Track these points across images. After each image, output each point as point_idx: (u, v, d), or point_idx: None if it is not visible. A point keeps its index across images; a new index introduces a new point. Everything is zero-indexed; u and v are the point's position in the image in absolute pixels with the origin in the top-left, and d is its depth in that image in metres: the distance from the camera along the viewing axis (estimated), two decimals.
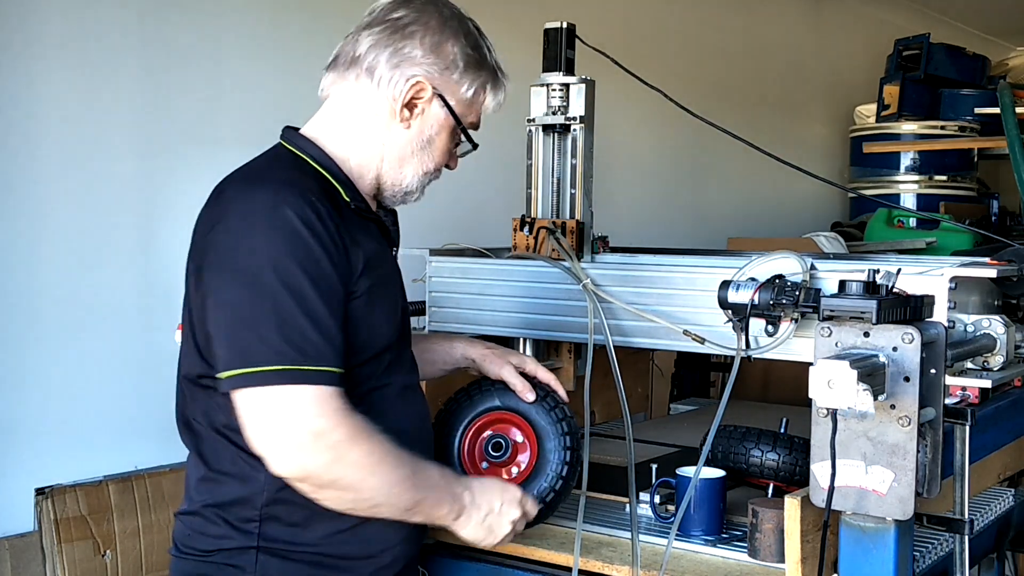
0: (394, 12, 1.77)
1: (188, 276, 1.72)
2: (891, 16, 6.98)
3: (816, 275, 2.03)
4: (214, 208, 1.68)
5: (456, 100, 1.79)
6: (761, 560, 1.89)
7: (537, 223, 2.58)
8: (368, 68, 1.76)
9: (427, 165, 1.81)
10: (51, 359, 2.89)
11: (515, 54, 1.88)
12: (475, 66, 1.80)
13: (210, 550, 1.70)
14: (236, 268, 1.59)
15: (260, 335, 1.56)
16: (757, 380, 3.35)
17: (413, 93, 1.76)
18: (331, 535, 1.69)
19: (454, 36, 1.78)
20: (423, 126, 1.79)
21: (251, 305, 1.57)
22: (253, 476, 1.66)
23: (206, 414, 1.70)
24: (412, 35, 1.76)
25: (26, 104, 2.82)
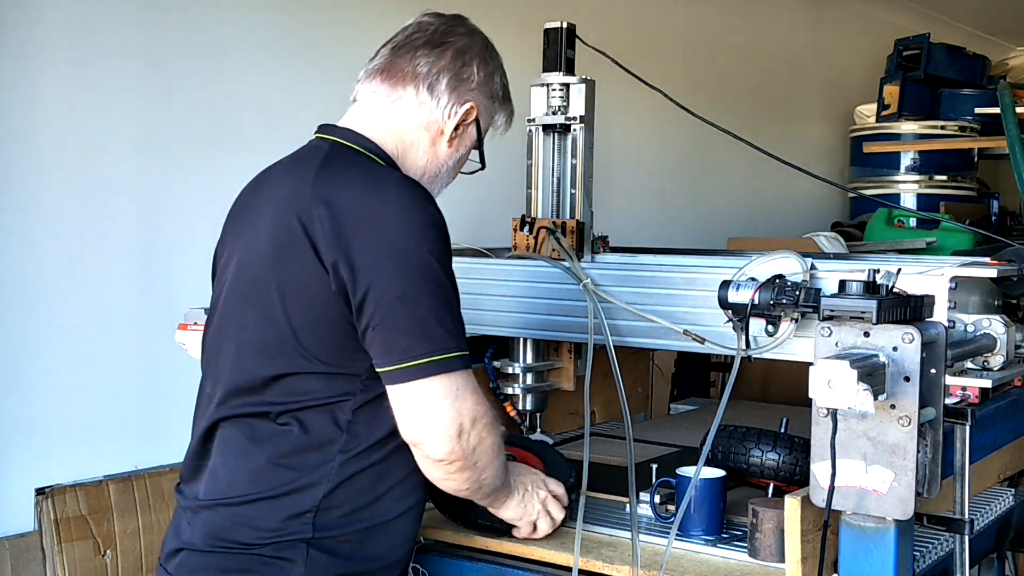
0: (449, 36, 1.88)
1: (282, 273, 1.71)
2: (891, 16, 6.97)
3: (816, 275, 2.03)
4: (339, 206, 1.67)
5: (486, 125, 1.94)
6: (761, 560, 1.89)
7: (537, 223, 2.58)
8: (430, 86, 1.85)
9: (450, 178, 1.94)
10: (51, 359, 2.88)
11: (515, 54, 1.90)
12: (508, 99, 1.97)
13: (256, 543, 1.69)
14: (413, 265, 1.66)
15: (442, 324, 1.67)
16: (757, 380, 3.35)
17: (463, 117, 1.87)
18: (370, 527, 1.75)
19: (498, 68, 1.94)
20: (460, 146, 1.91)
21: (433, 297, 1.67)
22: (321, 466, 1.70)
23: (287, 400, 1.71)
24: (470, 62, 1.88)
25: (26, 104, 2.82)
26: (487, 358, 2.65)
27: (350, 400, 1.71)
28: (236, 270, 1.80)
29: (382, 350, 1.67)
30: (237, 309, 1.79)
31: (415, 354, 1.65)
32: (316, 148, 1.83)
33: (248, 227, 1.81)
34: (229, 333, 1.79)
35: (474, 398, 1.71)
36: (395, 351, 1.66)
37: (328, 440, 1.71)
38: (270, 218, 1.75)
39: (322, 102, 3.50)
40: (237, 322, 1.78)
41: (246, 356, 1.75)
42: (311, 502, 1.70)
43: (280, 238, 1.71)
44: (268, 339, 1.72)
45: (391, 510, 1.77)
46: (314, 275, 1.67)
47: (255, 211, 1.82)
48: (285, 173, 1.82)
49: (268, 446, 1.72)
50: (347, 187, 1.70)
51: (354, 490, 1.72)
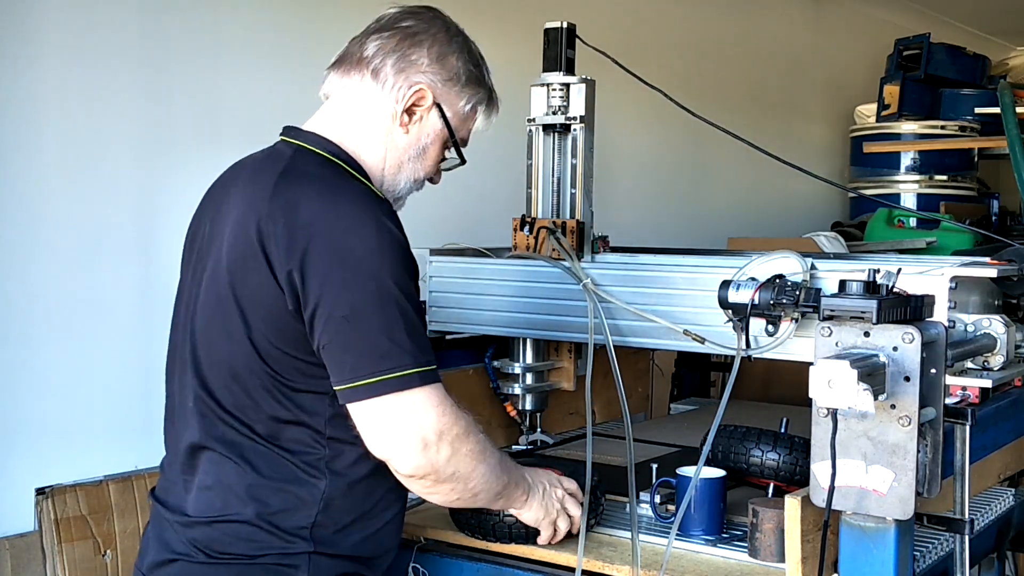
0: (403, 21, 1.83)
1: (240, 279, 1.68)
2: (891, 16, 6.97)
3: (816, 275, 2.03)
4: (293, 220, 1.64)
5: (453, 113, 1.84)
6: (761, 560, 1.89)
7: (537, 223, 2.58)
8: (374, 70, 1.80)
9: (418, 173, 1.85)
10: (51, 359, 2.88)
11: (515, 54, 1.90)
12: (475, 83, 1.86)
13: (257, 555, 1.70)
14: (360, 281, 1.61)
15: (393, 340, 1.62)
16: (757, 380, 3.35)
17: (415, 99, 1.80)
18: (364, 539, 1.76)
19: (459, 51, 1.84)
20: (420, 133, 1.83)
21: (382, 313, 1.62)
22: (313, 485, 1.70)
23: (263, 422, 1.70)
24: (420, 43, 1.81)
25: (26, 104, 2.82)
26: (487, 358, 2.65)
27: (320, 417, 1.70)
28: (204, 285, 1.77)
29: (333, 369, 1.65)
30: (204, 326, 1.76)
31: (363, 373, 1.62)
32: (278, 154, 1.79)
33: (216, 236, 1.77)
34: (201, 352, 1.76)
35: (437, 411, 1.66)
36: (344, 370, 1.63)
37: (311, 459, 1.71)
38: (230, 231, 1.72)
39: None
40: (205, 339, 1.75)
41: (219, 376, 1.73)
42: (306, 520, 1.70)
43: (238, 251, 1.69)
44: (236, 360, 1.70)
45: (382, 517, 1.79)
46: (271, 292, 1.65)
47: (222, 218, 1.77)
48: (247, 181, 1.77)
49: (259, 466, 1.70)
50: (302, 200, 1.66)
51: (347, 506, 1.73)
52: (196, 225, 1.88)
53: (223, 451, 1.72)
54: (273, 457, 1.70)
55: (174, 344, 1.85)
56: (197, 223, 1.88)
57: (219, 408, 1.73)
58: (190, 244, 1.88)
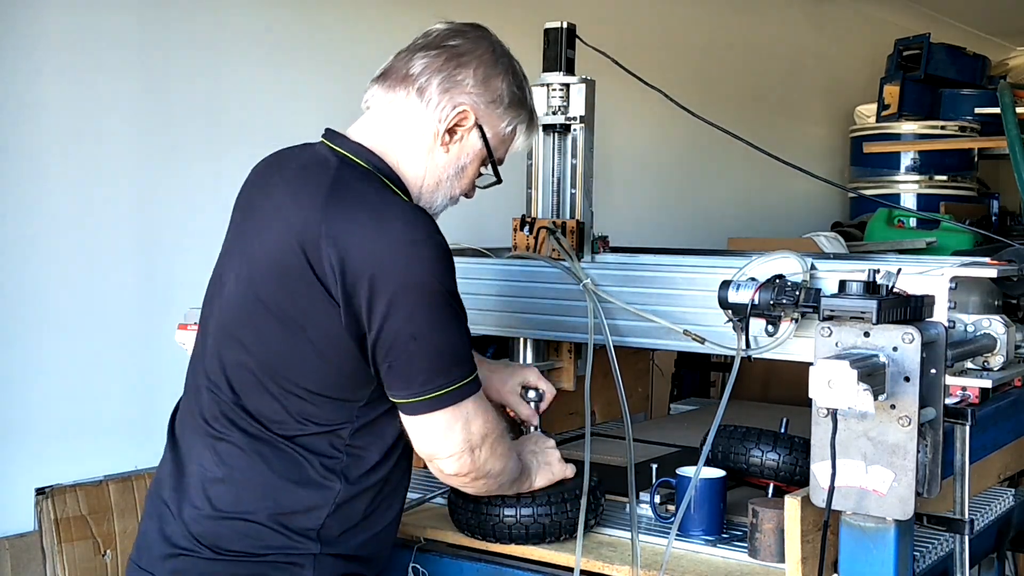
0: (451, 39, 1.83)
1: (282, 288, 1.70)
2: (891, 16, 6.97)
3: (816, 275, 2.02)
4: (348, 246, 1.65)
5: (493, 133, 1.85)
6: (761, 560, 1.89)
7: (537, 223, 2.57)
8: (419, 88, 1.80)
9: (454, 190, 1.87)
10: (51, 359, 2.89)
11: (515, 54, 1.89)
12: (517, 105, 1.87)
13: (263, 553, 1.71)
14: (427, 303, 1.67)
15: (455, 355, 1.71)
16: (757, 380, 3.35)
17: (457, 120, 1.81)
18: (367, 539, 1.79)
19: (504, 72, 1.85)
20: (460, 152, 1.84)
21: (447, 330, 1.70)
22: (328, 487, 1.72)
23: (287, 423, 1.71)
24: (466, 64, 1.81)
25: (26, 104, 2.82)
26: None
27: (347, 426, 1.73)
28: (238, 282, 1.78)
29: (399, 384, 1.70)
30: (237, 324, 1.76)
31: (432, 387, 1.70)
32: (325, 162, 1.78)
33: (254, 236, 1.78)
34: (229, 347, 1.77)
35: (483, 417, 1.76)
36: (413, 385, 1.70)
37: (330, 464, 1.73)
38: (275, 239, 1.72)
39: (323, 100, 3.50)
40: (237, 339, 1.76)
41: (247, 377, 1.74)
42: (315, 522, 1.72)
43: (285, 265, 1.69)
44: (269, 365, 1.72)
45: (384, 518, 1.82)
46: (323, 312, 1.66)
47: (262, 218, 1.78)
48: (295, 188, 1.76)
49: (277, 465, 1.72)
50: (355, 227, 1.67)
51: (355, 508, 1.75)
52: (240, 210, 1.88)
53: (242, 444, 1.73)
54: (293, 458, 1.72)
55: (200, 344, 1.86)
56: (242, 207, 1.87)
57: (240, 403, 1.74)
58: (235, 227, 1.87)
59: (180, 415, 1.87)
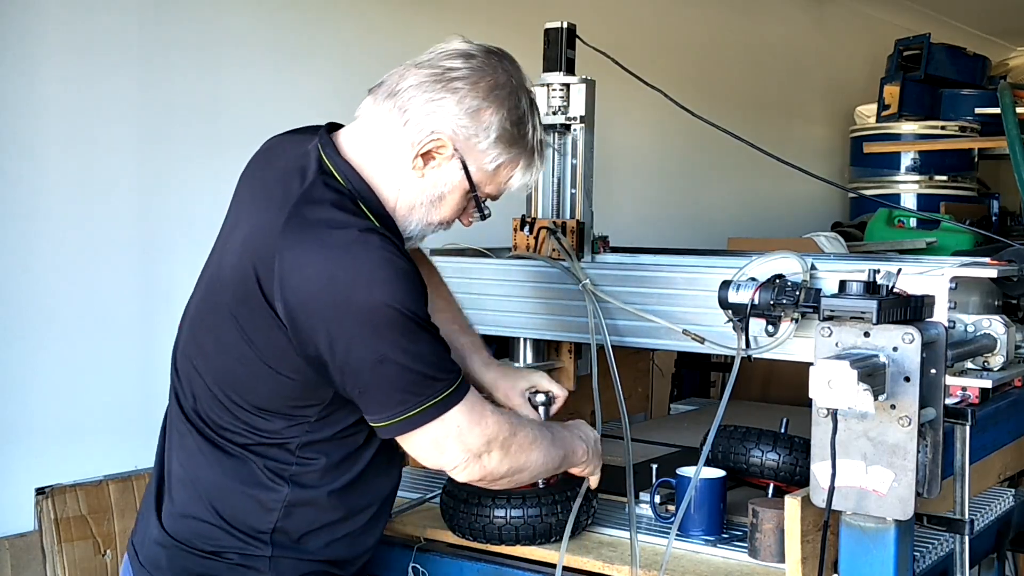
0: (450, 61, 1.73)
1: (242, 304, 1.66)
2: (891, 16, 6.97)
3: (816, 275, 2.03)
4: (298, 283, 1.61)
5: (477, 168, 1.74)
6: (761, 560, 1.89)
7: (537, 223, 2.58)
8: (400, 106, 1.71)
9: (432, 218, 1.77)
10: (51, 359, 2.88)
11: (515, 54, 1.88)
12: (508, 142, 1.75)
13: (220, 551, 1.72)
14: (381, 331, 1.60)
15: (426, 371, 1.64)
16: (757, 380, 3.35)
17: (432, 146, 1.71)
18: (329, 543, 1.77)
19: (497, 105, 1.72)
20: (436, 181, 1.74)
21: (411, 349, 1.62)
22: (275, 490, 1.71)
23: (241, 432, 1.72)
24: (455, 91, 1.70)
25: (26, 104, 2.82)
26: None
27: (295, 440, 1.72)
28: (209, 283, 1.77)
29: (375, 408, 1.67)
30: (202, 327, 1.76)
31: (411, 406, 1.65)
32: (302, 173, 1.72)
33: (228, 237, 1.76)
34: (192, 349, 1.78)
35: (480, 426, 1.70)
36: (389, 407, 1.65)
37: (277, 468, 1.72)
38: (238, 249, 1.69)
39: (323, 100, 3.50)
40: (199, 343, 1.77)
41: (200, 383, 1.75)
42: (267, 525, 1.72)
43: (240, 279, 1.66)
44: (223, 373, 1.72)
45: (354, 522, 1.79)
46: (272, 329, 1.64)
47: (237, 219, 1.76)
48: (267, 195, 1.72)
49: (225, 467, 1.73)
50: (308, 252, 1.61)
51: (309, 513, 1.74)
52: (232, 202, 1.85)
53: (199, 445, 1.75)
54: (242, 461, 1.72)
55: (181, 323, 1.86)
56: (234, 199, 1.85)
57: (194, 407, 1.76)
58: (226, 219, 1.85)
59: (166, 414, 1.88)
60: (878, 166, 6.07)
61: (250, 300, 1.65)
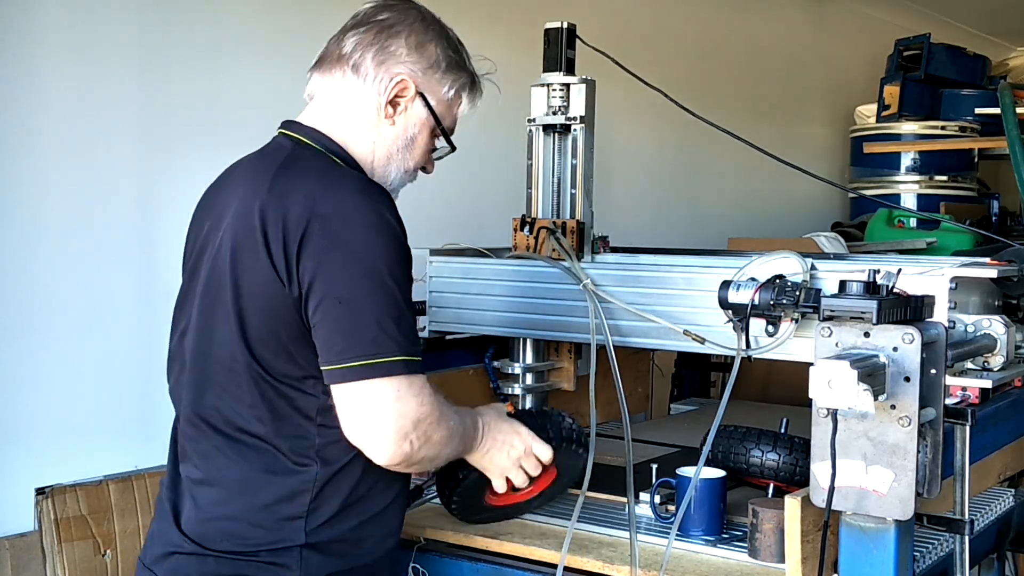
0: (379, 15, 1.83)
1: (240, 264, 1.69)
2: (891, 16, 6.97)
3: (816, 275, 2.03)
4: (292, 206, 1.65)
5: (436, 100, 1.85)
6: (761, 560, 1.89)
7: (537, 223, 2.58)
8: (354, 65, 1.81)
9: (407, 163, 1.86)
10: (51, 359, 2.88)
11: (515, 54, 1.89)
12: (455, 68, 1.86)
13: (249, 551, 1.70)
14: (356, 267, 1.64)
15: (383, 327, 1.64)
16: (757, 380, 3.35)
17: (397, 91, 1.81)
18: (362, 523, 1.76)
19: (436, 38, 1.85)
20: (406, 124, 1.84)
21: (374, 299, 1.64)
22: (304, 473, 1.70)
23: (258, 419, 1.71)
24: (397, 34, 1.82)
25: (26, 104, 2.82)
26: (487, 358, 2.65)
27: (312, 407, 1.71)
28: (206, 275, 1.78)
29: (322, 348, 1.66)
30: (200, 318, 1.77)
31: (351, 355, 1.63)
32: (279, 147, 1.81)
33: (215, 231, 1.78)
34: (196, 343, 1.78)
35: (417, 400, 1.67)
36: (332, 351, 1.65)
37: (303, 446, 1.71)
38: (230, 223, 1.73)
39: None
40: (200, 331, 1.77)
41: (213, 371, 1.74)
42: (300, 508, 1.71)
43: (238, 240, 1.70)
44: (228, 351, 1.72)
45: (378, 502, 1.79)
46: (268, 278, 1.66)
47: (218, 212, 1.79)
48: (246, 173, 1.80)
49: (250, 460, 1.72)
50: (302, 189, 1.68)
51: (340, 489, 1.73)
52: (195, 231, 1.89)
53: (217, 444, 1.74)
54: (265, 450, 1.71)
55: (175, 348, 1.86)
56: (196, 228, 1.89)
57: (212, 404, 1.75)
58: (190, 250, 1.89)
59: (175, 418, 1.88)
60: (878, 166, 6.07)
61: (248, 255, 1.67)
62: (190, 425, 1.78)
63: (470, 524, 2.08)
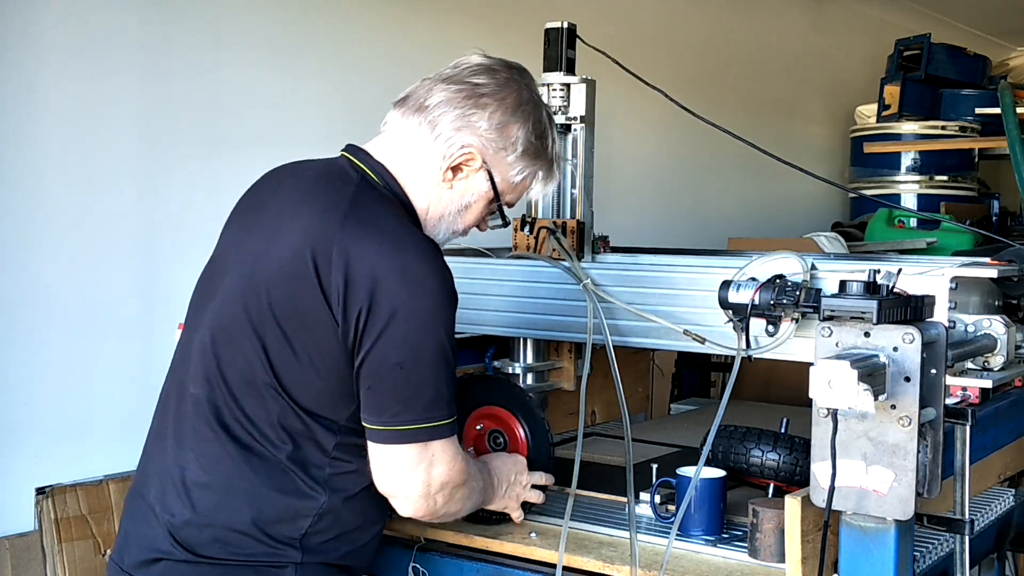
0: (477, 77, 1.81)
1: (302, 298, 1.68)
2: (892, 16, 6.97)
3: (817, 275, 2.03)
4: (360, 265, 1.65)
5: (502, 179, 1.84)
6: (761, 560, 1.89)
7: (538, 223, 2.58)
8: (431, 121, 1.79)
9: (457, 226, 1.87)
10: (51, 359, 2.88)
11: (516, 54, 1.89)
12: (532, 155, 1.85)
13: (244, 560, 1.70)
14: (420, 334, 1.66)
15: (439, 392, 1.70)
16: (758, 380, 3.35)
17: (462, 159, 1.80)
18: (350, 552, 1.79)
19: (523, 120, 1.82)
20: (464, 191, 1.83)
21: (434, 367, 1.68)
22: (313, 499, 1.71)
23: (275, 434, 1.71)
24: (484, 106, 1.79)
25: (26, 104, 2.82)
26: (487, 358, 2.65)
27: (332, 440, 1.73)
28: (243, 285, 1.75)
29: (374, 409, 1.70)
30: (239, 330, 1.73)
31: (403, 419, 1.69)
32: (346, 175, 1.78)
33: (265, 239, 1.75)
34: (226, 353, 1.75)
35: (449, 464, 1.74)
36: (385, 413, 1.69)
37: (316, 475, 1.72)
38: (290, 245, 1.70)
39: (323, 100, 3.51)
40: (236, 346, 1.73)
41: (239, 380, 1.73)
42: (298, 532, 1.71)
43: (294, 271, 1.68)
44: (256, 373, 1.71)
45: (368, 532, 1.82)
46: (322, 324, 1.66)
47: (274, 222, 1.76)
48: (312, 196, 1.76)
49: (261, 474, 1.71)
50: (369, 243, 1.67)
51: (339, 519, 1.75)
52: (244, 211, 1.87)
53: (229, 451, 1.72)
54: (279, 467, 1.71)
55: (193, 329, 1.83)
56: (247, 209, 1.86)
57: (232, 411, 1.73)
58: (237, 228, 1.86)
59: (162, 417, 1.84)
60: (878, 166, 6.07)
61: (303, 291, 1.67)
62: (203, 426, 1.74)
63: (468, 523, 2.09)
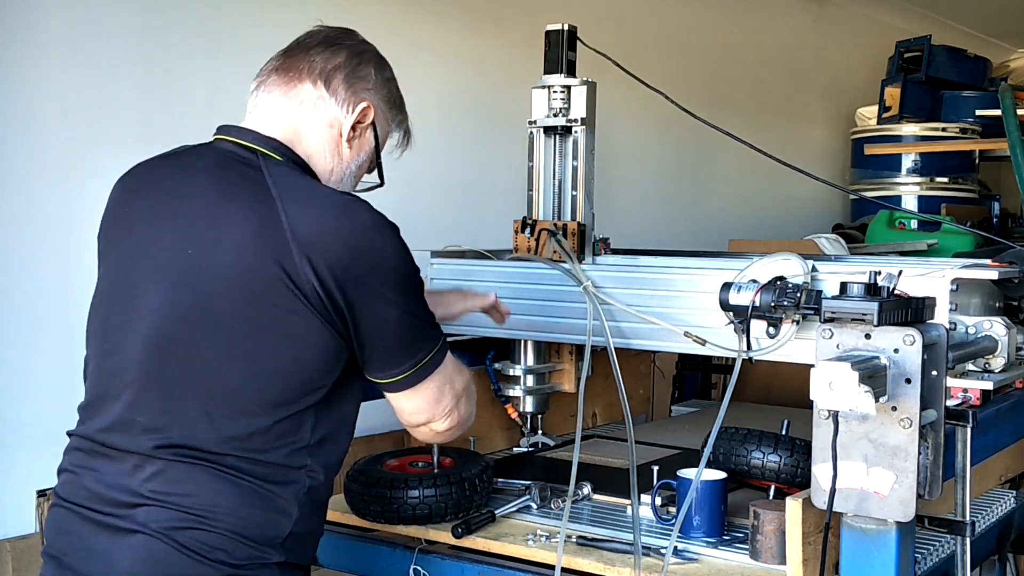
0: (342, 40, 1.85)
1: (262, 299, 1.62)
2: (892, 18, 6.98)
3: (817, 277, 2.03)
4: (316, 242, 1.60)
5: (383, 134, 1.86)
6: (762, 562, 1.89)
7: (538, 225, 2.58)
8: (327, 81, 1.79)
9: (350, 186, 1.85)
10: (52, 360, 2.88)
11: (516, 56, 1.89)
12: (402, 109, 1.90)
13: (239, 564, 1.66)
14: (395, 274, 1.67)
15: (427, 319, 1.73)
16: (759, 382, 3.35)
17: (360, 116, 1.80)
18: (311, 551, 1.77)
19: (391, 75, 1.88)
20: (359, 150, 1.84)
21: (417, 301, 1.71)
22: (289, 502, 1.67)
23: (257, 447, 1.65)
24: (367, 62, 1.83)
25: (26, 104, 2.82)
26: (488, 360, 2.65)
27: (304, 439, 1.68)
28: (178, 296, 1.67)
29: (391, 363, 1.70)
30: (193, 343, 1.66)
31: (419, 357, 1.72)
32: (243, 159, 1.72)
33: (188, 246, 1.68)
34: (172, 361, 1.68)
35: (458, 370, 1.81)
36: (402, 361, 1.70)
37: (297, 488, 1.68)
38: (232, 248, 1.63)
39: None
40: (196, 361, 1.66)
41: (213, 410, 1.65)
42: (280, 534, 1.67)
43: (249, 277, 1.61)
44: (227, 380, 1.64)
45: (317, 531, 1.77)
46: (300, 317, 1.61)
47: (189, 227, 1.69)
48: (229, 190, 1.69)
49: (244, 496, 1.64)
50: (319, 222, 1.62)
51: (317, 514, 1.73)
52: (129, 219, 1.83)
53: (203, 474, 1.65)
54: (259, 479, 1.65)
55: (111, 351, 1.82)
56: (136, 215, 1.82)
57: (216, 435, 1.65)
58: (133, 235, 1.81)
59: (97, 425, 1.84)
60: (879, 168, 6.07)
61: (262, 300, 1.60)
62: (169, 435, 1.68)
63: None
